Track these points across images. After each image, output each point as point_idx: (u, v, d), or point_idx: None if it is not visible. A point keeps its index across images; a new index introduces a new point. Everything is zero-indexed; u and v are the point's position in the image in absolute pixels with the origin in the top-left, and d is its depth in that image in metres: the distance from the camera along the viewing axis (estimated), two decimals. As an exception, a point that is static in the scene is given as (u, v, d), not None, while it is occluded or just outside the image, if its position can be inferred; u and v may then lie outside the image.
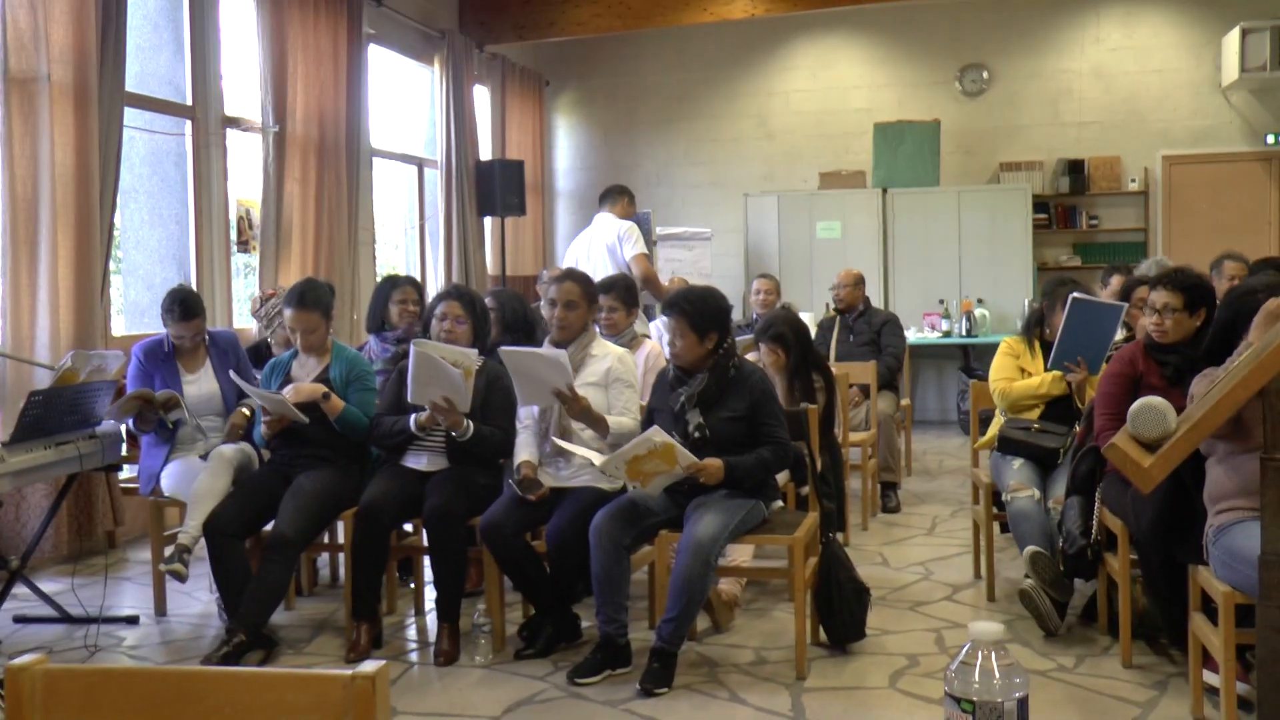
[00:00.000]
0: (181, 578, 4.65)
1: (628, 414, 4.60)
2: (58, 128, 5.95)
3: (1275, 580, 1.89)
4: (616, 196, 8.09)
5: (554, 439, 4.52)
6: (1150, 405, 3.23)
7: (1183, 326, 4.28)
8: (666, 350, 5.68)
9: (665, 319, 4.52)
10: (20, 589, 5.08)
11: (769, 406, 4.37)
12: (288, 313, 4.94)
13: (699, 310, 4.36)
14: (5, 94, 5.77)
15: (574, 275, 4.87)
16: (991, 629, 1.55)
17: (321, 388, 4.81)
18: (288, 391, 4.77)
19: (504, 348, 4.55)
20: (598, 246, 7.89)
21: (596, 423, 4.49)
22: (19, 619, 5.05)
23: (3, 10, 5.74)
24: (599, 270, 7.32)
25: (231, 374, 5.01)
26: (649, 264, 7.85)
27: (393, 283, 5.93)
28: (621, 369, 4.69)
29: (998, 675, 1.05)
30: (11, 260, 5.83)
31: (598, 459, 4.23)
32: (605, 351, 4.74)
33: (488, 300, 5.71)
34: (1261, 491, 1.91)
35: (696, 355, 4.37)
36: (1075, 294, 5.03)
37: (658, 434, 4.05)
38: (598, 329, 4.93)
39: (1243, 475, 3.46)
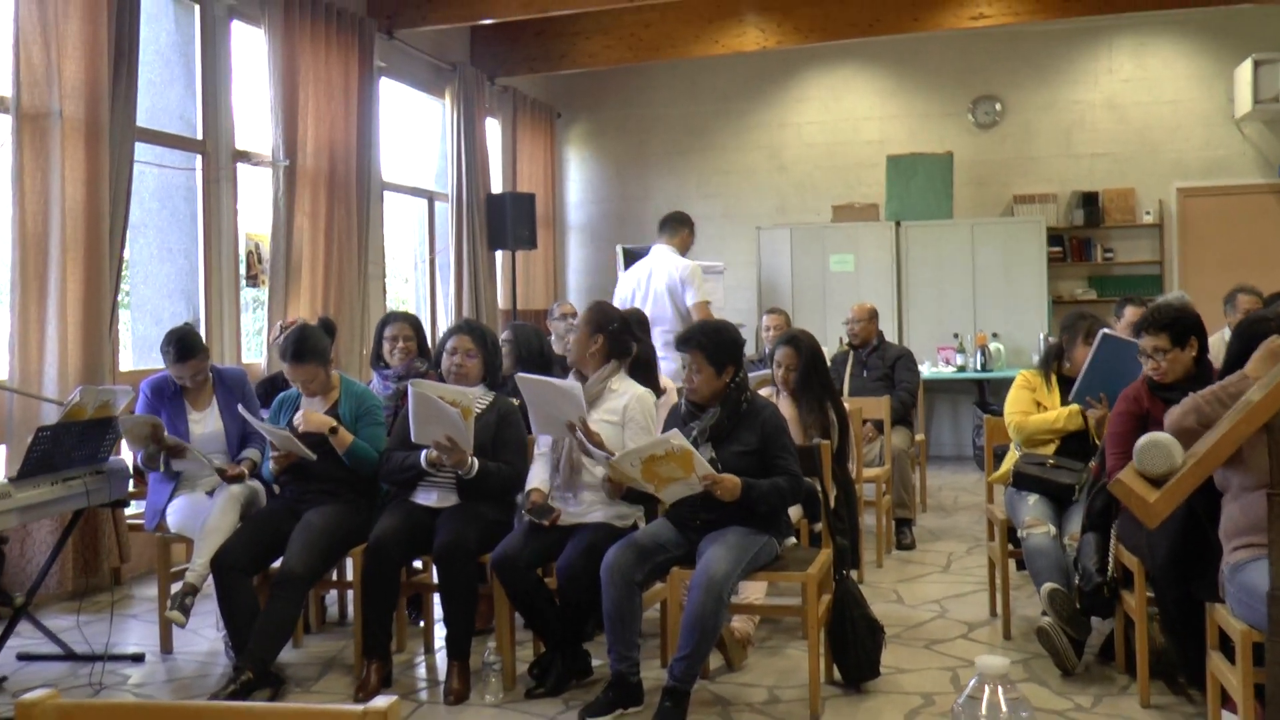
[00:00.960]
0: (181, 624, 4.69)
1: None
2: (68, 163, 6.00)
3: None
4: (676, 227, 7.62)
5: (579, 439, 4.47)
6: (1156, 441, 3.24)
7: (1179, 363, 4.31)
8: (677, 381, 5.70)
9: (675, 348, 4.52)
10: (25, 626, 5.07)
11: (781, 440, 4.37)
12: (285, 367, 4.96)
13: (716, 344, 4.37)
14: (18, 129, 5.83)
15: (595, 303, 4.96)
16: (998, 663, 1.55)
17: (330, 420, 4.82)
18: (297, 417, 4.78)
19: (521, 374, 4.58)
20: (657, 285, 7.41)
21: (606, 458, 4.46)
22: (23, 656, 5.04)
23: (15, 46, 5.81)
24: (654, 312, 7.09)
25: (240, 409, 5.02)
26: (709, 314, 7.13)
27: (386, 319, 5.94)
28: (638, 410, 4.67)
29: (1005, 710, 1.05)
30: (21, 295, 5.86)
31: (616, 455, 4.22)
32: (626, 389, 4.73)
33: (504, 334, 5.72)
34: (1269, 526, 1.90)
35: (714, 389, 4.38)
36: (1105, 330, 5.03)
37: (676, 437, 4.04)
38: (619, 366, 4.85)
39: (1256, 511, 3.45)
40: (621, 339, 4.79)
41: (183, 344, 5.15)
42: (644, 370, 5.06)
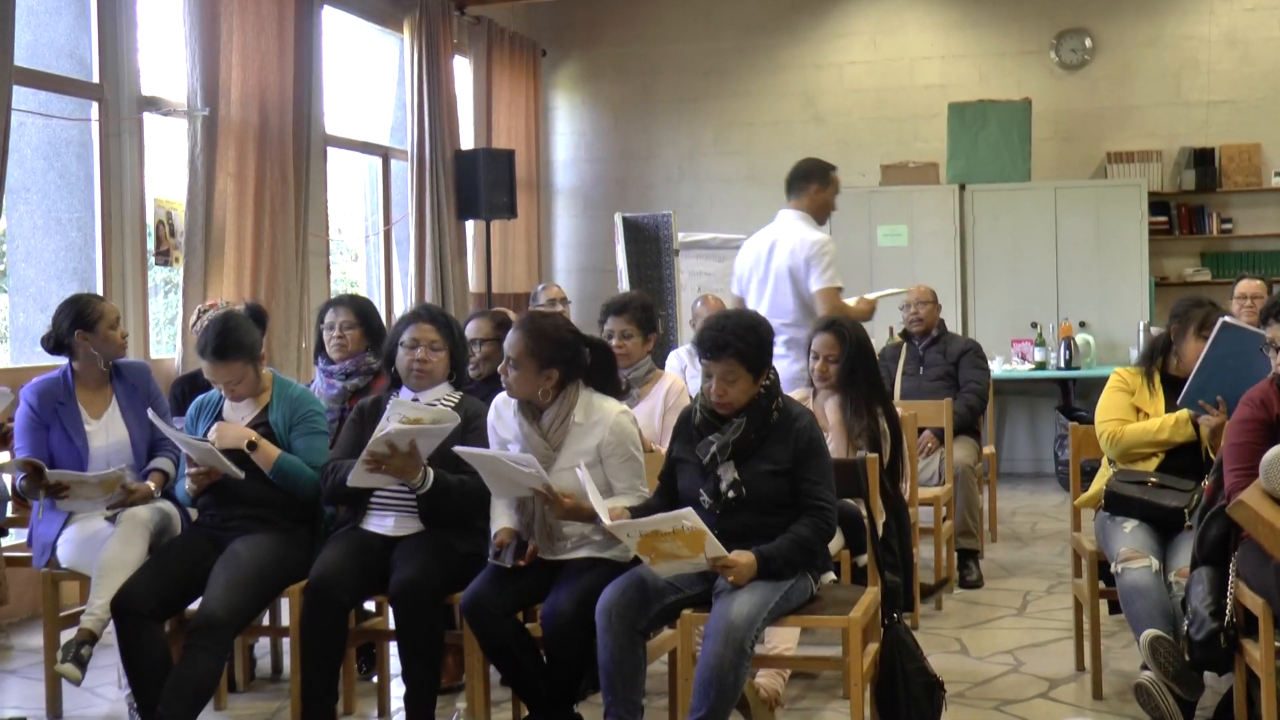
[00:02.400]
0: (76, 681, 4.67)
1: (633, 492, 4.57)
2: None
3: None
4: (800, 184, 6.85)
5: (548, 510, 4.46)
6: (1291, 455, 3.23)
7: None
8: (693, 388, 5.69)
9: (699, 356, 4.41)
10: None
11: (816, 462, 4.34)
12: (205, 364, 4.94)
13: (755, 348, 4.31)
14: None
15: (531, 327, 4.59)
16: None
17: (249, 432, 4.81)
18: (211, 431, 4.78)
19: (461, 448, 4.48)
20: (777, 264, 6.75)
21: (589, 518, 4.40)
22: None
23: None
24: (773, 299, 6.70)
25: (150, 414, 5.02)
26: (839, 301, 6.63)
27: (325, 306, 5.94)
28: (616, 440, 4.57)
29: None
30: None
31: (608, 520, 4.21)
32: (595, 418, 4.60)
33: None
34: None
35: (750, 398, 4.35)
36: (1227, 318, 5.01)
37: (690, 517, 4.03)
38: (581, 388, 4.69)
39: None
40: (575, 360, 4.59)
41: (223, 337, 4.88)
42: (601, 373, 4.79)
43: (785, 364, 6.31)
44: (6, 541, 5.88)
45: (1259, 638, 4.14)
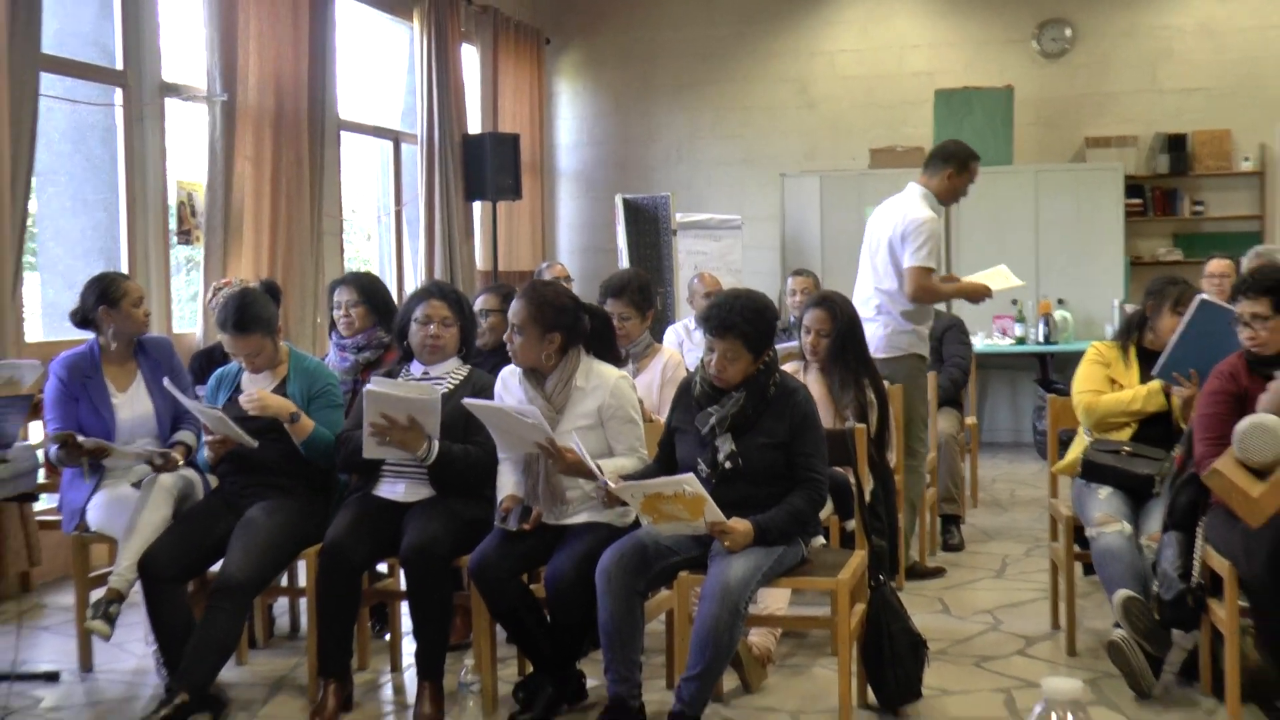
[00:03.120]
0: (105, 636, 4.70)
1: (633, 453, 4.59)
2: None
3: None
4: (937, 164, 6.68)
5: (553, 464, 4.50)
6: (1263, 425, 3.26)
7: None
8: (690, 361, 5.70)
9: (705, 331, 4.41)
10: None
11: (811, 435, 4.36)
12: (225, 338, 4.97)
13: (758, 329, 4.32)
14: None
15: (534, 294, 4.63)
16: (1069, 687, 1.57)
17: (291, 404, 4.84)
18: (245, 398, 4.79)
19: (469, 400, 4.53)
20: (884, 233, 6.62)
21: (589, 476, 4.41)
22: (-80, 675, 5.10)
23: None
24: (875, 271, 6.65)
25: (166, 383, 5.03)
26: (928, 281, 6.47)
27: (333, 285, 5.96)
28: (616, 404, 4.60)
29: (1076, 743, 1.07)
30: (-88, 253, 5.89)
31: (615, 481, 4.24)
32: (595, 382, 4.63)
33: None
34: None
35: (747, 375, 4.36)
36: (1204, 295, 5.03)
37: (691, 483, 4.05)
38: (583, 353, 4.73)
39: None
40: (576, 326, 4.62)
41: (241, 311, 4.91)
42: (601, 341, 4.83)
43: (874, 328, 6.40)
44: (38, 507, 5.90)
45: (1224, 598, 4.17)
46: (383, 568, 5.17)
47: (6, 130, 6.21)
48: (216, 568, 4.68)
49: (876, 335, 6.41)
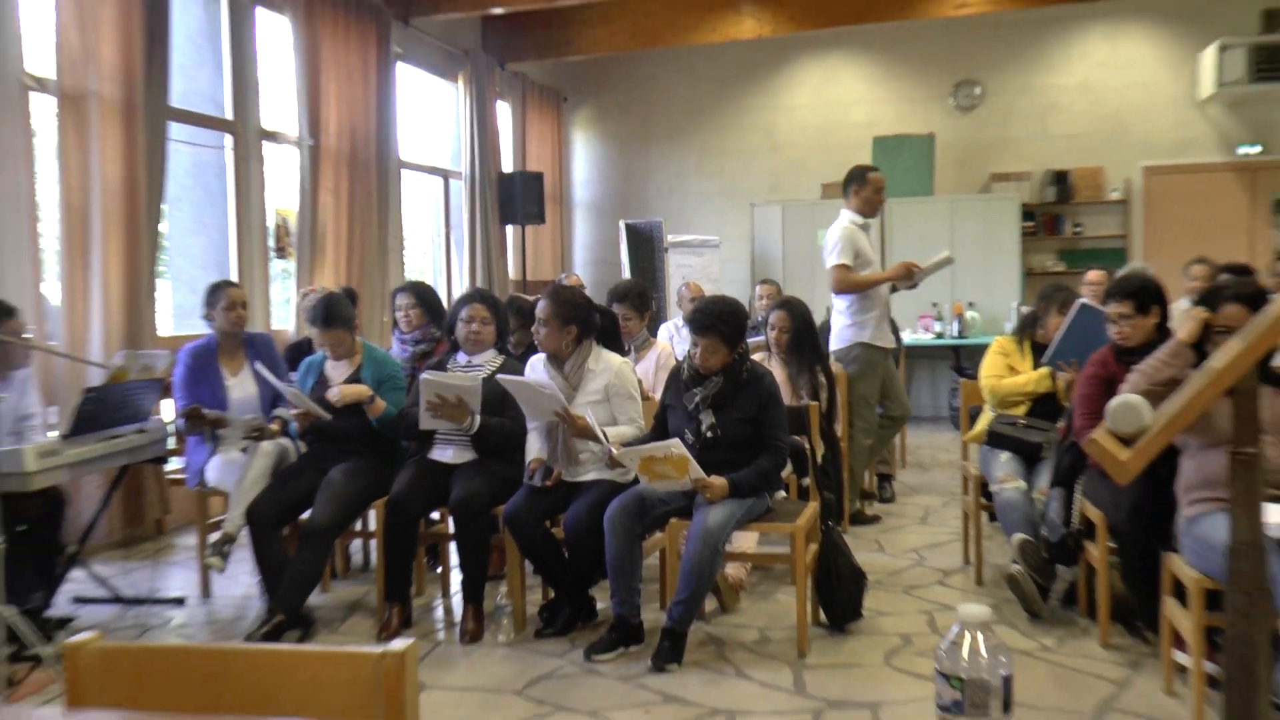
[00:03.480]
0: (220, 570, 4.73)
1: (632, 424, 4.60)
2: (107, 141, 6.00)
3: (1243, 568, 1.91)
4: (847, 187, 6.52)
5: (568, 429, 4.50)
6: (1129, 403, 3.24)
7: (1141, 329, 4.31)
8: (679, 351, 5.68)
9: (688, 330, 4.41)
10: (78, 572, 5.13)
11: (774, 412, 4.36)
12: (314, 331, 4.99)
13: (732, 329, 4.33)
14: (59, 109, 5.82)
15: (556, 295, 4.67)
16: (979, 612, 1.57)
17: (367, 390, 4.84)
18: (333, 392, 4.80)
19: (500, 375, 4.55)
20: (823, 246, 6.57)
21: (597, 439, 4.41)
22: (78, 599, 5.11)
23: (56, 30, 5.80)
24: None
25: (256, 366, 5.05)
26: (844, 275, 6.34)
27: (395, 290, 5.96)
28: (619, 383, 4.62)
29: (985, 655, 1.08)
30: (67, 266, 5.88)
31: (617, 448, 4.24)
32: (603, 366, 4.65)
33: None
34: (1230, 483, 1.94)
35: (725, 363, 4.36)
36: (1084, 300, 5.03)
37: (677, 446, 4.07)
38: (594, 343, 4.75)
39: (1211, 468, 3.51)
40: (589, 320, 4.66)
41: (327, 310, 4.98)
42: (608, 335, 4.95)
43: (835, 328, 6.50)
44: (168, 468, 5.90)
45: (1097, 541, 4.18)
46: (435, 515, 5.16)
47: (143, 168, 6.21)
48: (305, 516, 4.70)
49: (835, 333, 6.45)
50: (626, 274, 10.64)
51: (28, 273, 5.73)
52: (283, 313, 8.00)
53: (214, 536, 4.83)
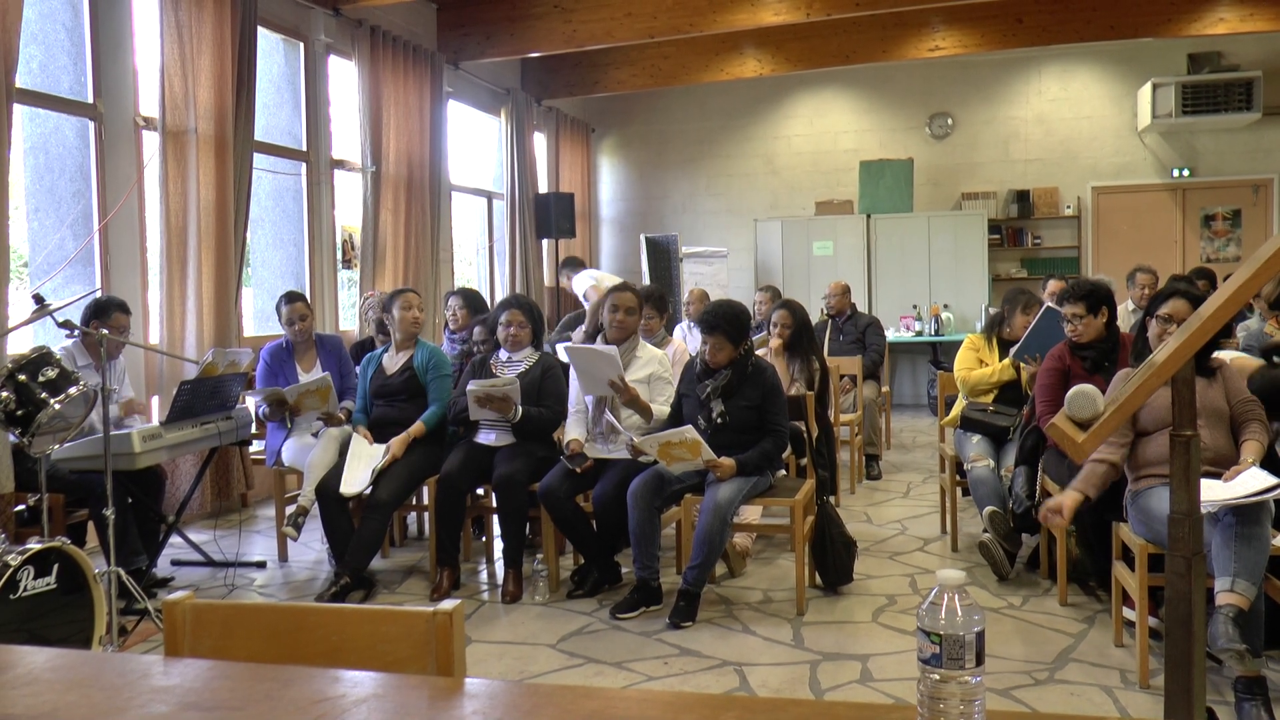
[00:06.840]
0: (294, 538, 4.76)
1: (667, 404, 4.59)
2: (202, 170, 6.03)
3: (1181, 535, 1.89)
4: (569, 269, 7.49)
5: (608, 416, 4.50)
6: (1084, 392, 3.21)
7: (1091, 327, 4.29)
8: (691, 347, 5.66)
9: (700, 330, 4.41)
10: (175, 539, 5.15)
11: (776, 400, 4.34)
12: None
13: (736, 328, 4.32)
14: (163, 143, 5.86)
15: (631, 287, 4.83)
16: (955, 575, 1.55)
17: (413, 433, 4.83)
18: (386, 459, 4.72)
19: (567, 344, 4.57)
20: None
21: (643, 409, 4.50)
22: (175, 562, 5.14)
23: (161, 77, 5.84)
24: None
25: (317, 368, 5.09)
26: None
27: (446, 295, 5.97)
28: (661, 369, 4.67)
29: (960, 613, 1.07)
30: (166, 276, 5.92)
31: (638, 436, 4.23)
32: (647, 355, 4.72)
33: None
34: (1171, 461, 1.92)
35: (731, 359, 4.34)
36: (1050, 304, 4.99)
37: (690, 432, 4.05)
38: (640, 336, 4.85)
39: (1153, 450, 3.49)
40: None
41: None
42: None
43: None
44: (251, 449, 5.92)
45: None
46: (480, 491, 5.16)
47: (231, 192, 6.23)
48: (369, 491, 4.69)
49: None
50: (647, 282, 10.60)
51: (136, 281, 5.90)
52: (349, 315, 8.02)
53: (290, 509, 4.83)
